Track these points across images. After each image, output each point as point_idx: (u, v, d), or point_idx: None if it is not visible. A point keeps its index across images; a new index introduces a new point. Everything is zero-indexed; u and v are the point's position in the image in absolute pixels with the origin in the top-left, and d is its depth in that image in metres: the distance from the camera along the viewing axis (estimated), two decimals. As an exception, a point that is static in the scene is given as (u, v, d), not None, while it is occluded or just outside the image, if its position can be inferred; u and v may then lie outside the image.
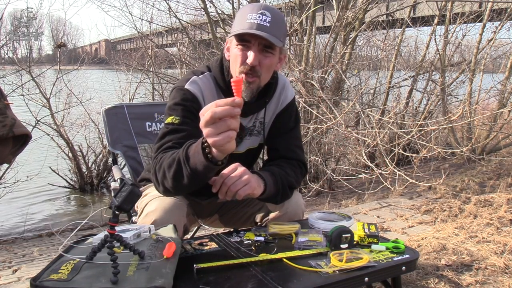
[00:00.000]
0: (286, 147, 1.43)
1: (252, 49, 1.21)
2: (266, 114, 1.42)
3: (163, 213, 1.23)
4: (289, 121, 1.46)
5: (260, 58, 1.23)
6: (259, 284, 0.95)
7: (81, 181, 6.60)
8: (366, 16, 4.90)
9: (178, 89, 1.32)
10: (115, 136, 1.97)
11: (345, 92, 5.34)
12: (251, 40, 1.21)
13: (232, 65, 1.28)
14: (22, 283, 2.30)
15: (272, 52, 1.24)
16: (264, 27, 1.18)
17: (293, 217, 1.39)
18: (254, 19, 1.18)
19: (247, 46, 1.22)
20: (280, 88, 1.43)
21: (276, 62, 1.29)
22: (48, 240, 4.15)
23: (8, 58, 6.36)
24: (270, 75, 1.31)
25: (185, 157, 1.07)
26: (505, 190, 3.41)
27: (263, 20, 1.18)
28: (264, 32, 1.17)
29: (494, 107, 5.24)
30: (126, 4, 9.40)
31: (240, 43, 1.22)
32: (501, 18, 4.94)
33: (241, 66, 1.23)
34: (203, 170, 1.04)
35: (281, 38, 1.22)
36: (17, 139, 1.26)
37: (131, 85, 7.17)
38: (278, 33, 1.21)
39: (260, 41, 1.21)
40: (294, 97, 1.48)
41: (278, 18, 1.22)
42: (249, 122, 1.40)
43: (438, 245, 2.23)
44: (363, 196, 3.82)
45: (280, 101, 1.43)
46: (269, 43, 1.20)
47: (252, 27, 1.18)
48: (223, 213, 1.60)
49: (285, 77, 1.48)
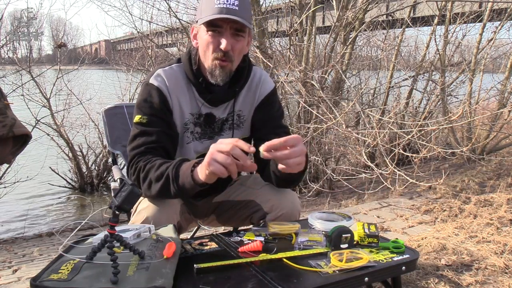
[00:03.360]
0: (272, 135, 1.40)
1: (224, 34, 1.21)
2: (243, 107, 1.41)
3: (155, 211, 1.23)
4: (272, 111, 1.44)
5: (232, 42, 1.22)
6: (259, 284, 0.95)
7: (81, 181, 6.61)
8: (366, 16, 4.90)
9: (144, 85, 1.33)
10: (115, 136, 1.96)
11: (345, 92, 5.34)
12: (223, 25, 1.20)
13: (203, 52, 1.27)
14: (22, 283, 2.30)
15: (243, 35, 1.24)
16: (234, 11, 1.17)
17: (289, 217, 1.38)
18: (222, 3, 1.17)
19: (218, 31, 1.21)
20: (257, 81, 1.42)
21: (245, 44, 1.29)
22: (48, 240, 4.15)
23: (8, 58, 6.37)
24: (240, 58, 1.31)
25: (175, 175, 1.13)
26: (505, 190, 3.41)
27: (232, 4, 1.18)
28: (235, 16, 1.17)
29: (494, 107, 5.24)
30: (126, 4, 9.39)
31: (210, 29, 1.21)
32: (501, 18, 4.94)
33: (214, 53, 1.23)
34: (189, 189, 1.13)
35: (249, 21, 1.23)
36: (17, 139, 1.26)
37: (131, 85, 7.16)
38: (247, 16, 1.21)
39: (232, 25, 1.20)
40: (274, 87, 1.46)
41: (244, 0, 1.21)
42: (223, 113, 1.39)
43: (438, 245, 2.23)
44: (363, 196, 3.82)
45: (257, 94, 1.42)
46: (240, 26, 1.20)
47: (222, 11, 1.17)
48: (220, 213, 1.59)
49: (262, 71, 1.48)
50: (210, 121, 1.37)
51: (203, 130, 1.39)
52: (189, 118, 1.36)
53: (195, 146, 1.39)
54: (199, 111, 1.36)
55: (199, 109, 1.35)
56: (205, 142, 1.40)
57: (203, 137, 1.40)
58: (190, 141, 1.39)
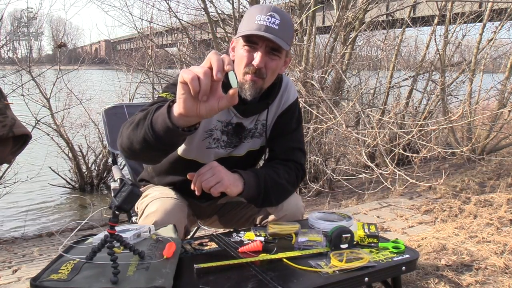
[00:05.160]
0: (285, 148, 1.41)
1: (259, 51, 1.19)
2: (269, 117, 1.40)
3: (164, 215, 1.22)
4: (290, 122, 1.43)
5: (266, 60, 1.21)
6: (259, 284, 0.95)
7: (81, 181, 6.61)
8: (366, 16, 4.90)
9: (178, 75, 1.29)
10: (115, 136, 1.96)
11: (345, 92, 5.34)
12: (258, 42, 1.19)
13: (237, 65, 1.25)
14: (22, 283, 2.30)
15: (279, 55, 1.22)
16: (272, 30, 1.16)
17: (292, 219, 1.38)
18: (263, 20, 1.17)
19: (254, 47, 1.20)
20: (283, 89, 1.40)
21: (281, 65, 1.27)
22: (48, 240, 4.15)
23: (8, 58, 6.36)
24: (274, 78, 1.29)
25: (155, 109, 1.00)
26: (505, 190, 3.41)
27: (272, 23, 1.17)
28: (272, 34, 1.16)
29: (494, 107, 5.24)
30: (126, 4, 9.39)
31: (247, 44, 1.21)
32: (501, 18, 4.94)
33: (246, 67, 1.21)
34: (160, 127, 0.95)
35: (288, 42, 1.21)
36: (17, 139, 1.26)
37: (131, 85, 7.18)
38: (285, 37, 1.19)
39: (268, 43, 1.19)
40: (297, 98, 1.45)
41: (286, 21, 1.20)
42: (250, 123, 1.38)
43: (438, 245, 2.23)
44: (363, 196, 3.82)
45: (282, 102, 1.41)
46: (276, 46, 1.19)
47: (260, 28, 1.16)
48: (223, 214, 1.59)
49: (288, 78, 1.46)
50: (239, 131, 1.36)
51: (229, 139, 1.36)
52: (216, 125, 1.33)
53: (217, 152, 1.37)
54: (229, 119, 1.33)
55: (230, 118, 1.33)
56: (228, 150, 1.39)
57: (229, 146, 1.38)
58: (212, 147, 1.36)
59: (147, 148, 1.02)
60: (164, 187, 1.45)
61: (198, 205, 1.52)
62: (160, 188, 1.45)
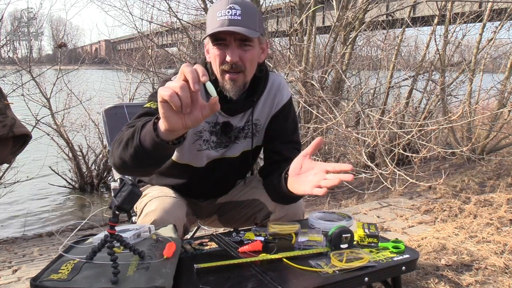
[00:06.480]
0: (288, 151, 1.39)
1: (230, 46, 1.18)
2: (260, 115, 1.39)
3: (163, 213, 1.22)
4: (286, 123, 1.43)
5: (240, 53, 1.19)
6: (259, 284, 0.95)
7: (81, 181, 6.60)
8: (366, 16, 4.90)
9: (163, 81, 1.27)
10: (115, 136, 1.96)
11: (345, 92, 5.34)
12: (226, 37, 1.18)
13: (213, 65, 1.25)
14: (22, 283, 2.30)
15: (251, 44, 1.21)
16: (236, 21, 1.15)
17: (293, 218, 1.38)
18: (224, 15, 1.15)
19: (224, 44, 1.19)
20: (275, 89, 1.39)
21: (258, 53, 1.26)
22: (48, 240, 4.14)
23: (8, 58, 6.35)
24: (254, 67, 1.27)
25: (141, 126, 1.00)
26: (505, 190, 3.41)
27: (234, 14, 1.15)
28: (237, 26, 1.14)
29: (494, 107, 5.24)
30: (127, 4, 9.36)
31: (216, 43, 1.20)
32: (501, 18, 4.94)
33: (222, 65, 1.20)
34: (149, 145, 0.95)
35: (256, 28, 1.19)
36: (17, 139, 1.26)
37: (131, 85, 7.16)
38: (251, 24, 1.17)
39: (235, 36, 1.17)
40: (290, 97, 1.44)
41: (248, 9, 1.18)
42: (240, 122, 1.37)
43: (438, 245, 2.23)
44: (363, 196, 3.82)
45: (275, 102, 1.40)
46: (244, 37, 1.17)
47: (223, 24, 1.15)
48: (222, 213, 1.59)
49: (281, 78, 1.45)
50: (227, 130, 1.35)
51: (219, 139, 1.36)
52: (204, 126, 1.33)
53: (208, 154, 1.37)
54: (215, 119, 1.33)
55: (215, 118, 1.33)
56: (220, 151, 1.39)
57: (219, 146, 1.38)
58: (203, 149, 1.36)
59: (140, 164, 1.05)
60: (163, 187, 1.45)
61: (197, 204, 1.52)
62: (159, 187, 1.45)
